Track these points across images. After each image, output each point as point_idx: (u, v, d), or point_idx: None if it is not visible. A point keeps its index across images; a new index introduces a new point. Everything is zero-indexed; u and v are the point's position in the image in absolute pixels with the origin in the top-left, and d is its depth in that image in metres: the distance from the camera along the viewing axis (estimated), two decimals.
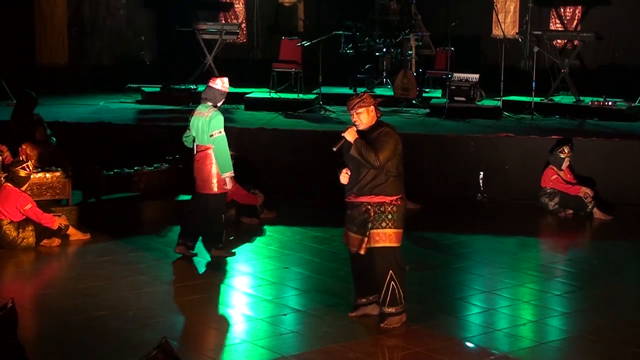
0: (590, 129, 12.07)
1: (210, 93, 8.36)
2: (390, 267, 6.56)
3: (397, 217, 6.54)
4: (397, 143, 6.52)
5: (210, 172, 8.22)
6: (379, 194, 6.50)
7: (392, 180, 6.52)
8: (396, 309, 6.61)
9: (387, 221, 6.52)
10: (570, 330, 6.78)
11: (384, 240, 6.53)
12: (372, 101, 6.62)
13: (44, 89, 13.33)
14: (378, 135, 6.50)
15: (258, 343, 6.35)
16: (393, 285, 6.56)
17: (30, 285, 7.81)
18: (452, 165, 11.15)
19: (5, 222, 8.61)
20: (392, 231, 6.53)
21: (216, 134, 8.20)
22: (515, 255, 8.83)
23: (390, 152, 6.44)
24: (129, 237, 9.13)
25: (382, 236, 6.52)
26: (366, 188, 6.52)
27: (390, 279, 6.56)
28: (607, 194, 10.70)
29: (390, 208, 6.52)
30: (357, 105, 6.57)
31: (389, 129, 6.57)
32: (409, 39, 13.83)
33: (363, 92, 6.74)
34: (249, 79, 14.80)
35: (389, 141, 6.46)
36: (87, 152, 11.03)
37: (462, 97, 12.98)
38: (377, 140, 6.46)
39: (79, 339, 6.37)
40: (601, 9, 15.23)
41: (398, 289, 6.58)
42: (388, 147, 6.44)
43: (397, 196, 6.55)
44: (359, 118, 6.58)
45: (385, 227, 6.52)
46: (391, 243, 6.54)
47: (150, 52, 16.07)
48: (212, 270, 8.14)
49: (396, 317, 6.62)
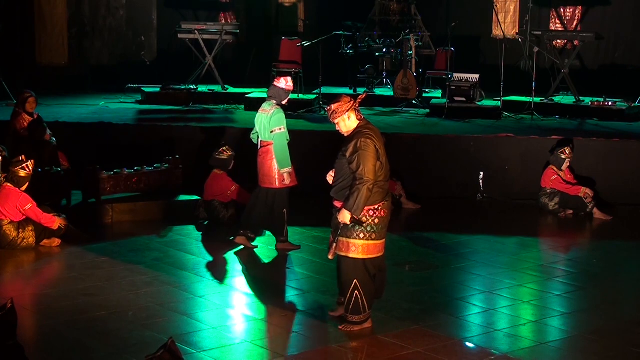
0: (590, 129, 12.07)
1: (275, 91, 8.58)
2: (356, 277, 6.45)
3: (367, 229, 6.38)
4: (375, 150, 6.32)
5: (271, 167, 8.46)
6: None
7: None
8: (358, 317, 6.52)
9: (355, 231, 6.38)
10: (570, 330, 6.78)
11: (348, 250, 6.42)
12: (344, 109, 6.44)
13: (44, 89, 13.35)
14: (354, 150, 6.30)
15: (258, 343, 6.35)
16: (357, 294, 6.47)
17: (30, 285, 7.81)
18: (452, 165, 11.15)
19: (5, 222, 8.61)
20: (360, 243, 6.39)
21: (277, 130, 8.44)
22: (515, 255, 8.83)
23: (371, 164, 6.27)
24: (129, 237, 9.14)
25: (347, 246, 6.42)
26: (340, 193, 6.44)
27: (354, 288, 6.46)
28: (607, 194, 10.71)
29: (362, 218, 6.36)
30: (332, 117, 6.51)
31: (363, 138, 6.32)
32: (409, 39, 13.83)
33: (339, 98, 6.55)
34: (249, 79, 14.80)
35: (365, 155, 6.27)
36: (87, 152, 11.04)
37: (462, 97, 12.99)
38: (355, 158, 6.29)
39: (78, 339, 6.37)
40: (601, 9, 15.24)
41: (362, 298, 6.47)
42: (367, 161, 6.26)
43: (371, 206, 6.36)
44: (339, 127, 6.52)
45: (352, 237, 6.39)
46: (355, 254, 6.40)
47: (150, 52, 16.07)
48: (212, 270, 8.14)
49: (357, 326, 6.54)
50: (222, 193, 9.79)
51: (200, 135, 11.45)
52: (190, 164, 10.72)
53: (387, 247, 8.95)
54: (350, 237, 6.40)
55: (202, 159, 10.37)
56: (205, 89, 14.18)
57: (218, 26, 14.55)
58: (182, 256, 8.55)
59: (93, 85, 15.10)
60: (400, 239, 9.38)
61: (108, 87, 14.75)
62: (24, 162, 8.83)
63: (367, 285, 6.50)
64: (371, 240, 6.42)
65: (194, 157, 10.99)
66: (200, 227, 9.70)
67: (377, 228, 6.42)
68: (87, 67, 15.46)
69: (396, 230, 9.81)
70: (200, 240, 9.23)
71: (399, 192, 10.58)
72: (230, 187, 9.79)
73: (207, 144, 10.90)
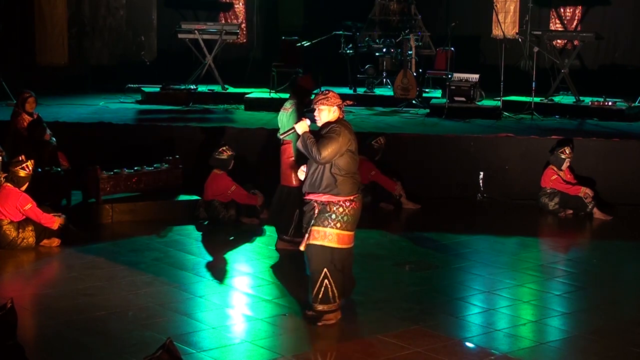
0: (590, 129, 12.07)
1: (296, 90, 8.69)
2: (325, 266, 6.50)
3: (343, 219, 6.47)
4: (348, 141, 6.42)
5: (290, 165, 8.45)
6: (327, 193, 6.46)
7: (341, 180, 6.44)
8: (329, 306, 6.56)
9: (330, 220, 6.46)
10: (570, 330, 6.78)
11: (322, 238, 6.48)
12: (336, 102, 6.54)
13: (44, 89, 13.34)
14: (327, 131, 6.45)
15: (258, 343, 6.35)
16: (327, 283, 6.51)
17: (30, 285, 7.81)
18: (452, 165, 11.15)
19: (5, 222, 8.61)
20: (333, 231, 6.46)
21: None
22: (515, 255, 8.83)
23: (334, 149, 6.37)
24: (129, 237, 9.14)
25: (321, 234, 6.48)
26: (315, 185, 6.50)
27: (324, 276, 6.50)
28: (607, 194, 10.71)
29: (335, 208, 6.46)
30: (320, 102, 6.54)
31: (341, 126, 6.46)
32: (409, 39, 13.83)
33: (328, 90, 6.65)
34: (248, 79, 14.80)
35: (335, 138, 6.38)
36: (87, 152, 11.04)
37: (462, 97, 12.99)
38: (323, 136, 6.42)
39: (78, 339, 6.37)
40: (601, 9, 15.23)
41: (332, 287, 6.51)
42: (333, 143, 6.36)
43: (347, 197, 6.46)
44: (319, 114, 6.56)
45: (326, 226, 6.46)
46: (330, 243, 6.48)
47: (150, 52, 16.07)
48: (211, 270, 8.14)
49: (331, 314, 6.58)
50: (222, 193, 9.78)
51: (200, 135, 11.45)
52: (190, 164, 10.72)
53: (387, 246, 9.05)
54: (326, 226, 6.47)
55: (202, 159, 10.37)
56: (205, 89, 14.18)
57: (218, 26, 14.55)
58: (182, 256, 8.55)
59: (93, 85, 15.10)
60: (400, 239, 9.39)
61: (108, 87, 14.75)
62: (23, 162, 8.83)
63: (335, 276, 6.54)
64: (345, 231, 6.51)
65: (193, 157, 10.99)
66: (200, 227, 9.70)
67: (351, 219, 6.52)
68: (87, 67, 15.46)
69: (396, 230, 9.83)
70: (200, 240, 9.23)
71: (399, 192, 10.58)
72: (230, 187, 9.78)
73: (207, 144, 10.90)
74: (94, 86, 15.03)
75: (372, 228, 9.68)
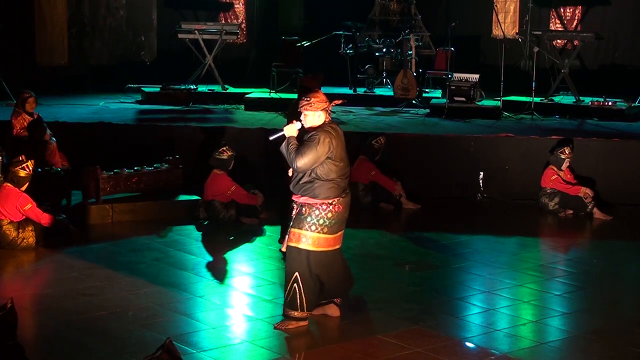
0: (590, 129, 12.07)
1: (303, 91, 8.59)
2: (298, 270, 6.46)
3: (319, 222, 6.43)
4: (328, 149, 6.33)
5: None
6: (305, 195, 6.44)
7: (319, 184, 6.39)
8: (297, 313, 6.51)
9: (305, 223, 6.43)
10: (571, 330, 6.78)
11: (298, 240, 6.45)
12: (320, 106, 6.42)
13: (44, 89, 13.34)
14: (307, 138, 6.36)
15: (258, 343, 6.35)
16: (296, 287, 6.47)
17: (30, 285, 7.81)
18: (452, 165, 11.15)
19: (5, 222, 8.61)
20: (309, 234, 6.43)
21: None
22: (515, 255, 8.83)
23: (311, 158, 6.30)
24: (129, 237, 9.14)
25: (297, 236, 6.46)
26: (297, 186, 6.48)
27: (294, 280, 6.47)
28: (607, 194, 10.71)
29: (311, 210, 6.42)
30: (304, 108, 6.46)
31: (322, 133, 6.34)
32: (409, 39, 13.83)
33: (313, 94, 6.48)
34: (248, 79, 14.81)
35: (313, 147, 6.30)
36: (87, 152, 11.04)
37: (462, 97, 12.99)
38: (303, 144, 6.35)
39: (78, 339, 6.37)
40: (601, 9, 15.23)
41: (300, 293, 6.46)
42: (310, 153, 6.29)
43: (325, 201, 6.41)
44: (305, 119, 6.48)
45: (302, 228, 6.44)
46: (305, 246, 6.44)
47: (150, 52, 16.07)
48: (212, 270, 8.14)
49: (293, 322, 6.53)
50: (222, 193, 9.78)
51: (200, 135, 11.45)
52: (190, 164, 10.72)
53: (387, 246, 9.05)
54: (302, 228, 6.45)
55: (202, 159, 10.37)
56: (205, 89, 14.18)
57: (218, 26, 14.55)
58: (182, 256, 8.55)
59: (93, 85, 15.09)
60: (400, 239, 9.39)
61: (108, 87, 14.74)
62: (24, 162, 8.82)
63: (307, 282, 6.48)
64: (322, 234, 6.47)
65: (193, 157, 10.99)
66: (200, 227, 9.70)
67: (330, 222, 6.46)
68: (87, 67, 15.46)
69: (396, 230, 9.83)
70: (200, 240, 9.23)
71: (399, 192, 10.58)
72: (230, 187, 9.78)
73: (207, 144, 10.90)
74: (94, 86, 15.03)
75: (372, 228, 9.70)
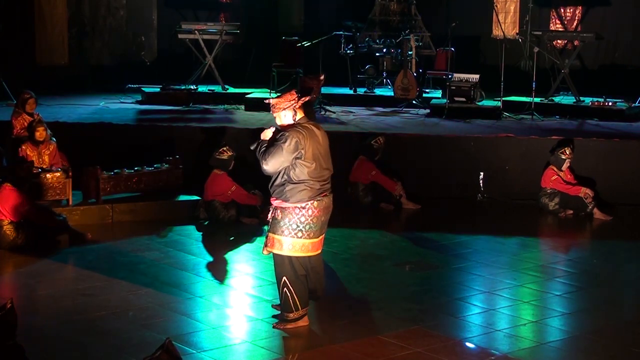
0: (590, 129, 12.07)
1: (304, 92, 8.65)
2: (284, 274, 6.48)
3: (293, 227, 6.38)
4: (295, 150, 6.25)
5: None
6: (279, 198, 6.41)
7: (290, 187, 6.33)
8: (293, 314, 6.55)
9: (279, 227, 6.41)
10: (571, 330, 6.78)
11: (277, 246, 6.44)
12: (282, 107, 6.35)
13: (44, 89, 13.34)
14: (276, 139, 6.31)
15: (259, 343, 6.35)
16: (286, 291, 6.49)
17: (29, 286, 7.79)
18: (452, 165, 11.14)
19: (6, 223, 8.61)
20: (285, 240, 6.40)
21: None
22: (515, 255, 8.83)
23: (277, 160, 6.25)
24: (129, 238, 9.13)
25: (273, 242, 6.45)
26: (272, 188, 6.46)
27: (283, 284, 6.49)
28: (607, 194, 10.70)
29: (284, 215, 6.38)
30: (271, 110, 6.44)
31: (293, 133, 6.26)
32: (409, 39, 13.83)
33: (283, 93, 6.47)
34: (249, 79, 14.80)
35: (278, 148, 6.24)
36: (87, 153, 11.03)
37: (462, 97, 12.99)
38: (273, 145, 6.30)
39: (78, 339, 6.37)
40: (601, 9, 15.23)
41: (292, 295, 6.48)
42: (276, 155, 6.24)
43: (297, 205, 6.34)
44: (276, 121, 6.47)
45: (277, 232, 6.42)
46: (281, 251, 6.43)
47: (150, 52, 16.07)
48: (212, 270, 8.14)
49: (291, 323, 6.56)
50: (222, 193, 9.78)
51: (200, 135, 11.45)
52: (190, 164, 10.72)
53: (387, 246, 9.05)
54: (275, 232, 6.43)
55: (202, 159, 10.37)
56: (206, 89, 14.18)
57: (218, 26, 14.54)
58: (182, 256, 8.55)
59: (93, 86, 15.09)
60: (401, 239, 9.39)
61: (108, 87, 14.74)
62: (25, 163, 8.83)
63: (295, 284, 6.49)
64: (297, 238, 6.41)
65: (194, 157, 10.99)
66: (200, 227, 9.70)
67: (305, 227, 6.39)
68: (87, 67, 15.46)
69: (396, 231, 9.83)
70: (201, 240, 9.23)
71: (399, 192, 10.58)
72: (230, 187, 9.78)
73: (207, 144, 10.90)
74: (94, 86, 15.03)
75: (373, 228, 9.70)
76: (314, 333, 6.62)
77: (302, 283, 6.54)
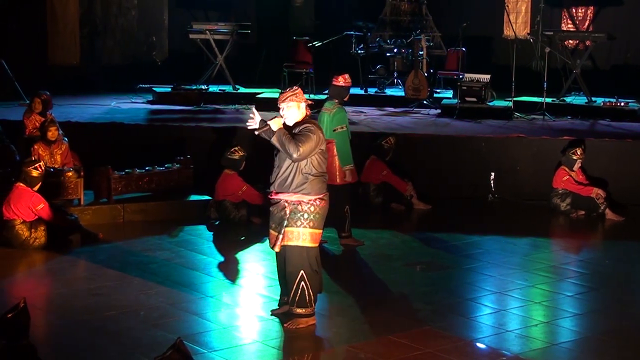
0: (602, 129, 12.04)
1: (334, 90, 8.77)
2: (302, 268, 6.51)
3: (314, 218, 6.48)
4: (320, 141, 6.44)
5: (332, 165, 8.50)
6: (297, 192, 6.45)
7: (311, 179, 6.44)
8: (305, 310, 6.57)
9: (302, 220, 6.46)
10: (582, 331, 6.76)
11: (297, 239, 6.48)
12: (304, 98, 6.55)
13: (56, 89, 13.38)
14: (302, 129, 6.42)
15: (269, 343, 6.35)
16: (303, 285, 6.51)
17: (41, 285, 7.84)
18: (463, 165, 11.13)
19: (18, 222, 8.64)
20: (307, 231, 6.47)
21: (339, 129, 8.60)
22: (526, 256, 8.81)
23: (311, 146, 6.36)
24: (140, 237, 9.15)
25: (296, 235, 6.48)
26: (285, 185, 6.49)
27: (300, 279, 6.51)
28: (619, 194, 10.67)
29: (307, 207, 6.47)
30: (289, 99, 6.50)
31: (314, 126, 6.48)
32: (420, 39, 13.81)
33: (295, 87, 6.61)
34: (259, 79, 14.81)
35: (311, 136, 6.37)
36: (99, 152, 11.06)
37: (473, 97, 12.97)
38: (299, 134, 6.40)
39: (90, 338, 6.39)
40: (613, 9, 15.18)
41: (308, 290, 6.52)
42: (310, 141, 6.36)
43: (317, 196, 6.48)
44: (289, 112, 6.52)
45: (300, 226, 6.46)
46: (304, 243, 6.49)
47: (161, 52, 16.10)
48: (223, 270, 8.15)
49: (303, 319, 6.57)
50: (233, 193, 9.79)
51: (211, 135, 11.47)
52: (201, 164, 10.73)
53: (398, 247, 9.06)
54: (299, 226, 6.47)
55: (213, 159, 10.39)
56: (217, 89, 14.20)
57: (229, 26, 14.55)
58: (193, 256, 8.57)
59: (104, 85, 15.13)
60: (411, 240, 9.38)
61: (119, 87, 14.78)
62: (36, 162, 8.86)
63: (312, 278, 6.54)
64: (316, 229, 6.53)
65: (205, 157, 11.00)
66: (211, 227, 9.71)
67: (321, 217, 6.56)
68: (98, 67, 15.50)
69: (407, 231, 9.82)
70: (211, 240, 9.24)
71: (409, 193, 10.57)
72: (241, 187, 9.79)
73: (218, 144, 10.92)
74: (105, 86, 15.07)
75: (384, 228, 9.69)
76: (325, 333, 6.62)
77: (317, 278, 6.59)
